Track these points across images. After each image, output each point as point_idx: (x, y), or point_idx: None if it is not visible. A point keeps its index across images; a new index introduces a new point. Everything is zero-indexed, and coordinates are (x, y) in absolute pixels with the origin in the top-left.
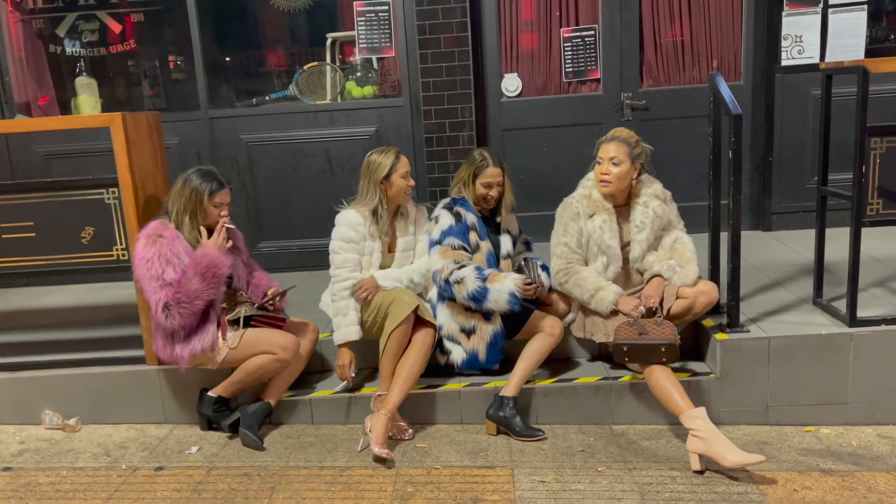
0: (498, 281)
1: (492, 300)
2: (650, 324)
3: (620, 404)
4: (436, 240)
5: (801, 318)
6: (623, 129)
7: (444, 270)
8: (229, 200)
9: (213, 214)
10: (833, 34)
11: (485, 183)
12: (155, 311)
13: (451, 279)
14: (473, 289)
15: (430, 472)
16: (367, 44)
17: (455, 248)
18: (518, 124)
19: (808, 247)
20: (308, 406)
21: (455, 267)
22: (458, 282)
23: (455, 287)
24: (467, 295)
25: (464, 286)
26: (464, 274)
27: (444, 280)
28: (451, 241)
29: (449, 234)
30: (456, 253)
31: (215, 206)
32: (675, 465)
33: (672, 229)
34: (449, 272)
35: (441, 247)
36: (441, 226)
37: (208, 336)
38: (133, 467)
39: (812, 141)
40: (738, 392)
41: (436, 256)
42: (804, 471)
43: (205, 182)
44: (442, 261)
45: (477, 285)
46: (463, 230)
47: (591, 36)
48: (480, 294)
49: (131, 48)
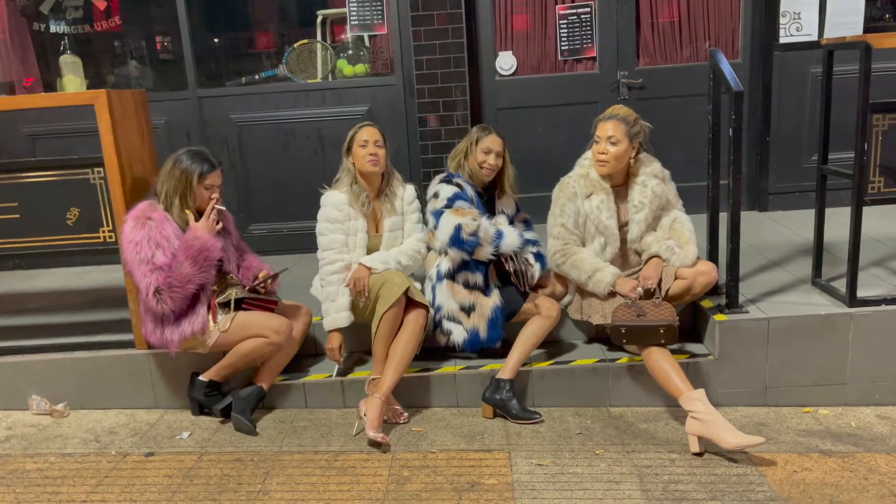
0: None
1: (506, 238)
2: (648, 305)
3: (618, 386)
4: (442, 206)
5: (799, 299)
6: (621, 106)
7: (470, 225)
8: (220, 182)
9: (203, 197)
10: (832, 11)
11: (485, 148)
12: (145, 296)
13: (479, 231)
14: (494, 232)
15: (427, 455)
16: (358, 21)
17: (466, 209)
18: (513, 103)
19: (806, 227)
20: (301, 390)
21: (477, 223)
22: (485, 231)
23: (483, 236)
24: (492, 238)
25: (489, 233)
26: (485, 224)
27: (470, 233)
28: (461, 204)
29: (457, 199)
30: (470, 211)
31: (206, 188)
32: (673, 447)
33: (671, 209)
34: (476, 226)
35: (452, 209)
36: (445, 194)
37: (198, 319)
38: (123, 453)
39: (810, 120)
40: (737, 373)
41: (450, 216)
42: (804, 452)
43: (195, 163)
44: (460, 218)
45: (494, 229)
46: (467, 198)
47: (587, 13)
48: (498, 236)
49: (117, 26)
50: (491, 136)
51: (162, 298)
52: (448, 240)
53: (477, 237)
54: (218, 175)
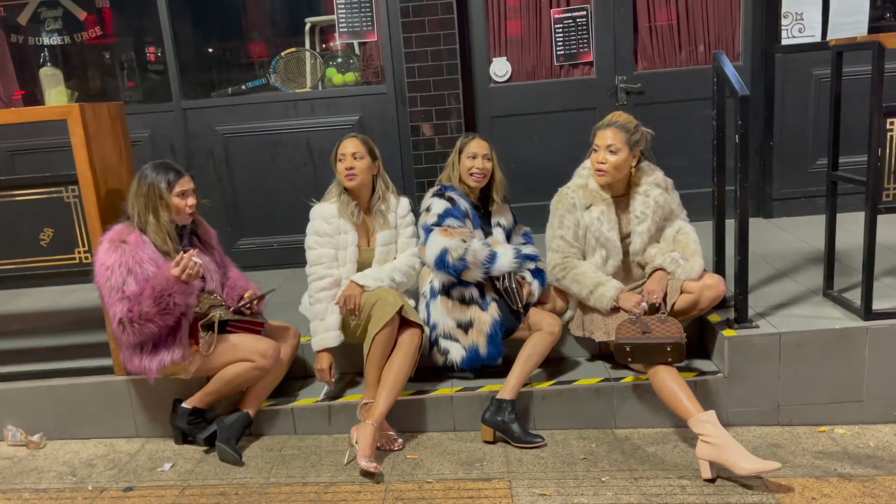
0: (500, 246)
1: (500, 260)
2: (654, 321)
3: (623, 407)
4: (432, 223)
5: (812, 312)
6: (621, 113)
7: (458, 248)
8: (192, 186)
9: (180, 206)
10: (835, 11)
11: (470, 154)
12: (113, 325)
13: (466, 256)
14: (485, 255)
15: (422, 486)
16: (347, 28)
17: (455, 228)
18: (508, 111)
19: (813, 234)
20: (290, 415)
21: (466, 245)
22: (473, 255)
23: (471, 260)
24: (482, 262)
25: (478, 256)
26: (475, 246)
27: (458, 258)
28: (451, 222)
29: (447, 216)
30: (460, 231)
31: (179, 196)
32: (683, 472)
33: (674, 219)
34: (463, 250)
35: (441, 228)
36: (436, 210)
37: (178, 346)
38: (100, 488)
39: (814, 123)
40: (748, 391)
41: (438, 237)
42: (821, 476)
43: (160, 174)
44: (449, 240)
45: (487, 251)
46: (459, 214)
47: (583, 17)
48: (491, 258)
49: (98, 37)
50: (474, 141)
51: (125, 330)
52: (434, 262)
53: (464, 261)
54: (187, 181)
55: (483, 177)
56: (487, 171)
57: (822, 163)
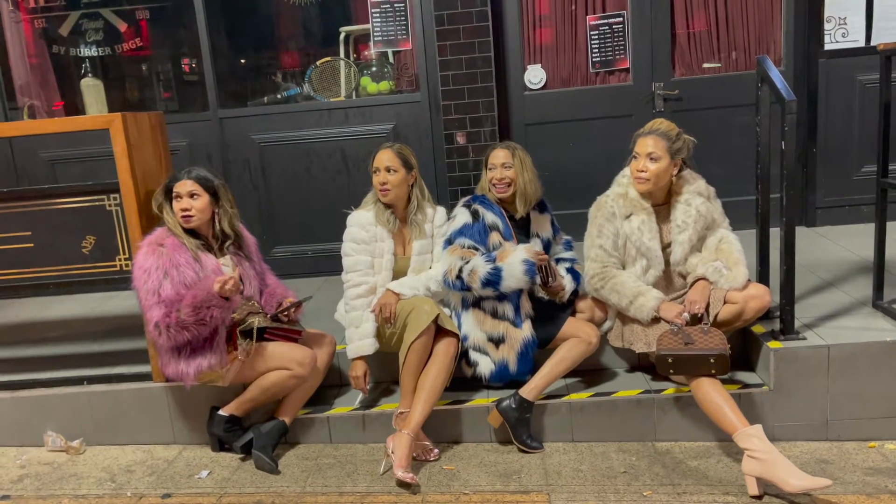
0: (507, 256)
1: (507, 276)
2: (696, 332)
3: (664, 419)
4: (447, 239)
5: (861, 323)
6: (663, 120)
7: (453, 269)
8: (190, 190)
9: (177, 209)
10: (878, 16)
11: (490, 165)
12: (150, 327)
13: (462, 274)
14: (484, 273)
15: (459, 497)
16: (382, 37)
17: (465, 248)
18: (543, 118)
19: (859, 243)
20: (326, 424)
21: (462, 263)
22: (469, 273)
23: (468, 278)
24: (481, 282)
25: (476, 274)
26: (473, 264)
27: (455, 277)
28: (462, 241)
29: (461, 234)
30: (465, 251)
31: (176, 198)
32: (728, 488)
33: (717, 228)
34: (458, 269)
35: (451, 246)
36: (456, 224)
37: (216, 352)
38: (139, 494)
39: (859, 130)
40: (795, 405)
41: (445, 256)
42: (873, 493)
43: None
44: (449, 258)
45: (488, 269)
46: (480, 230)
47: (619, 23)
48: (494, 275)
49: (137, 48)
50: (494, 151)
51: (162, 334)
52: (442, 280)
53: (461, 280)
54: (185, 184)
55: (507, 186)
56: (507, 179)
57: (867, 170)
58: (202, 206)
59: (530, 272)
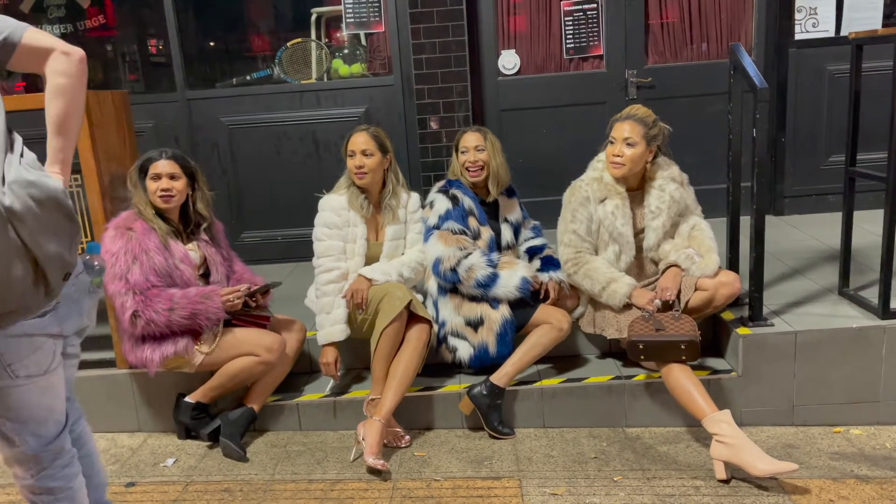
0: (509, 268)
1: (501, 285)
2: (667, 318)
3: (635, 405)
4: (433, 225)
5: (828, 310)
6: (640, 106)
7: (451, 259)
8: (171, 171)
9: (151, 189)
10: (849, 6)
11: (462, 148)
12: (121, 315)
13: (458, 268)
14: (483, 275)
15: (431, 484)
16: (354, 18)
17: (455, 233)
18: (517, 104)
19: (825, 232)
20: (295, 411)
21: (462, 255)
22: (467, 269)
23: (465, 274)
24: (475, 283)
25: (473, 273)
26: (472, 261)
27: (449, 269)
28: (451, 226)
29: (447, 219)
30: (458, 238)
31: (153, 178)
32: (697, 472)
33: (689, 215)
34: (456, 261)
35: (440, 231)
36: (438, 210)
37: (182, 338)
38: None
39: (828, 119)
40: (762, 391)
41: (435, 243)
42: (838, 478)
43: (143, 157)
44: (444, 248)
45: (488, 272)
46: (461, 214)
47: (594, 9)
48: (490, 280)
49: (101, 26)
50: (466, 134)
51: (137, 324)
52: (431, 268)
53: (456, 274)
54: (165, 164)
55: (480, 170)
56: (480, 162)
57: (835, 160)
58: (182, 188)
59: (524, 290)
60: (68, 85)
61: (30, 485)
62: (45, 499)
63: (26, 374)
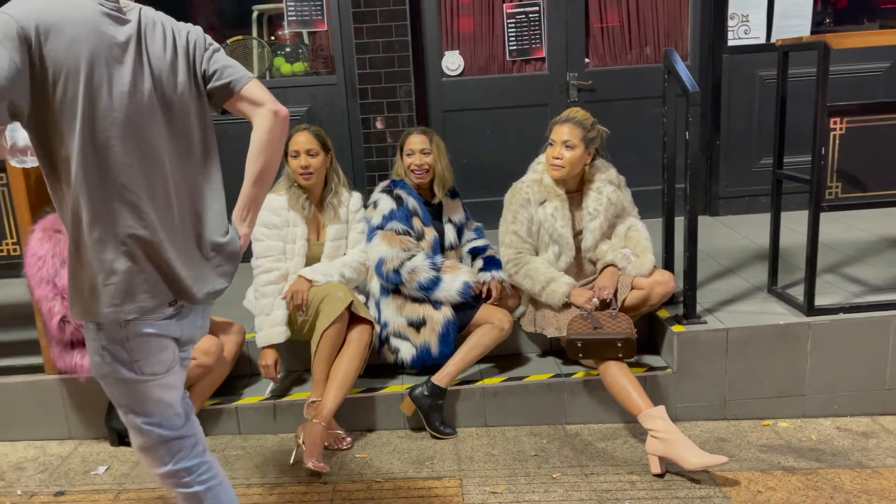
0: (451, 272)
1: (444, 289)
2: (605, 317)
3: (574, 403)
4: (377, 225)
5: (757, 308)
6: (579, 109)
7: (394, 260)
8: None
9: None
10: (779, 14)
11: (407, 150)
12: (48, 320)
13: (401, 270)
14: (426, 279)
15: (371, 486)
16: (296, 16)
17: (399, 234)
18: (461, 105)
19: (757, 232)
20: (234, 415)
21: (405, 256)
22: (410, 272)
23: (407, 276)
24: (418, 286)
25: (416, 276)
26: (416, 263)
27: (392, 270)
28: (395, 226)
29: (391, 219)
30: (402, 239)
31: None
32: (633, 468)
33: (626, 216)
34: (399, 262)
35: (384, 232)
36: (381, 210)
37: None
38: (30, 493)
39: (759, 123)
40: (696, 387)
41: (379, 243)
42: (766, 470)
43: None
44: (388, 248)
45: (431, 275)
46: (406, 214)
47: (536, 12)
48: (432, 283)
49: None
50: (411, 136)
51: (65, 329)
52: (374, 268)
53: (399, 275)
54: None
55: (425, 172)
56: (425, 166)
57: (766, 162)
58: None
59: (465, 294)
60: (273, 141)
61: (168, 471)
62: (187, 479)
63: (151, 372)
